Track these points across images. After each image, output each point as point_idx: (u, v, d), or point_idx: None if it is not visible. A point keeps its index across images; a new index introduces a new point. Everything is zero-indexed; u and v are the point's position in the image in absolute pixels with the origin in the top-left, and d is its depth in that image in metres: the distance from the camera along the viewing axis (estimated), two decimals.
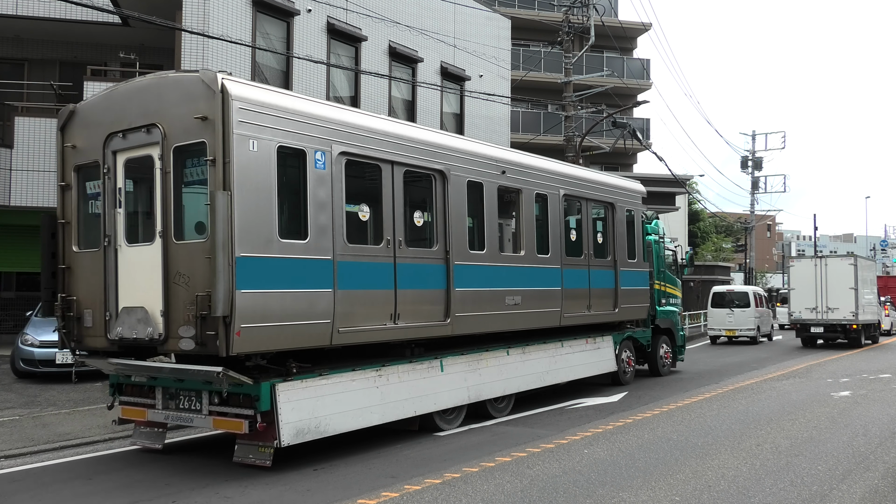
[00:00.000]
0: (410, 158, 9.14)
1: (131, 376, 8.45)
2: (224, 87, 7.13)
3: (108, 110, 8.28)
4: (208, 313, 6.99)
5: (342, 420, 8.29)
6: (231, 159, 7.05)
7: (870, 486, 6.79)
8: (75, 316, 8.24)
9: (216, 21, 13.64)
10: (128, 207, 8.04)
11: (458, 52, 19.51)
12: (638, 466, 7.52)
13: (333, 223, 8.03)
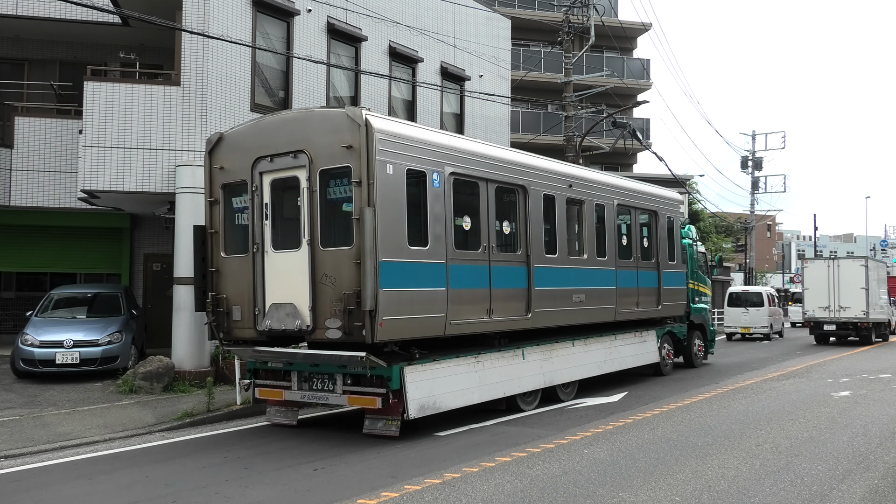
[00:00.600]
0: (500, 176, 10.63)
1: (268, 362, 9.88)
2: (367, 121, 8.58)
3: (255, 138, 9.65)
4: (355, 308, 8.43)
5: (451, 398, 9.75)
6: (374, 181, 8.49)
7: (870, 486, 6.79)
8: (224, 311, 9.73)
9: (216, 21, 13.64)
10: (273, 220, 9.46)
11: (458, 52, 19.51)
12: (638, 466, 7.52)
13: (445, 232, 9.51)
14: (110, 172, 13.40)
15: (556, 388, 11.84)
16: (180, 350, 13.12)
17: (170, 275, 14.83)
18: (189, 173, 13.32)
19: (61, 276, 18.49)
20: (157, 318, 17.04)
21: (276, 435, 9.65)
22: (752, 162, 46.55)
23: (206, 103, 13.57)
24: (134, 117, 13.45)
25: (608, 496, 6.48)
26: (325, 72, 15.75)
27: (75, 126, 15.94)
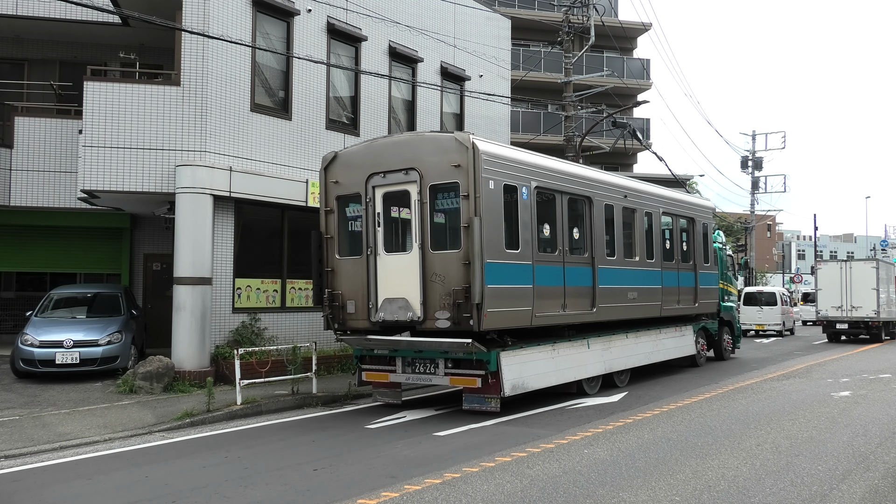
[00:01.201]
0: (572, 188, 12.28)
1: (374, 349, 11.35)
2: (474, 144, 10.14)
3: (368, 157, 11.15)
4: (464, 301, 9.93)
5: (535, 380, 11.27)
6: (480, 195, 10.04)
7: (870, 486, 6.79)
8: (339, 305, 11.25)
9: (216, 21, 13.64)
10: (385, 226, 10.95)
11: (458, 52, 19.50)
12: (638, 466, 7.52)
13: (531, 238, 11.09)
14: (110, 172, 13.40)
15: (613, 375, 13.35)
16: (180, 350, 13.12)
17: (170, 275, 14.83)
18: (189, 173, 13.32)
19: (61, 276, 18.49)
20: (157, 318, 17.05)
21: (276, 435, 9.65)
22: (752, 162, 46.55)
23: (206, 103, 13.57)
24: (134, 117, 13.45)
25: (608, 496, 6.48)
26: (325, 72, 15.75)
27: (75, 126, 15.94)
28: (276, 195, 14.56)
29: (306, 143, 15.40)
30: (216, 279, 13.73)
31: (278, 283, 15.09)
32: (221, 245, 13.93)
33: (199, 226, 13.29)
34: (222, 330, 13.88)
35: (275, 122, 14.79)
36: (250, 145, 14.31)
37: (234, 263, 14.16)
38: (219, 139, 13.77)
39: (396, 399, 11.73)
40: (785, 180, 55.69)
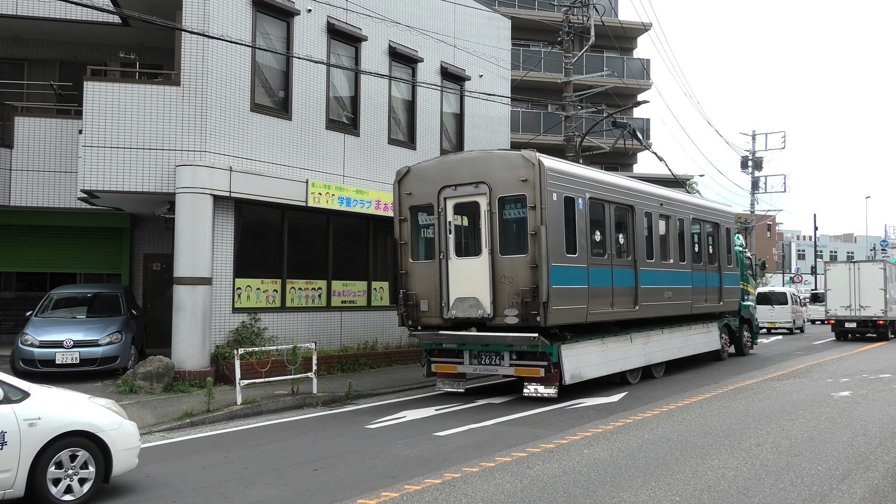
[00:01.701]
0: (617, 198, 13.62)
1: (443, 343, 12.58)
2: (540, 160, 11.45)
3: (440, 171, 12.45)
4: (531, 300, 11.19)
5: (588, 370, 12.56)
6: (545, 206, 11.33)
7: (870, 486, 6.79)
8: (413, 304, 12.43)
9: (216, 21, 13.63)
10: (456, 233, 12.22)
11: (458, 52, 19.49)
12: (638, 466, 7.52)
13: (586, 243, 12.42)
14: (110, 172, 13.40)
15: (651, 368, 14.67)
16: (180, 350, 13.12)
17: (170, 275, 14.83)
18: (189, 173, 13.32)
19: (61, 276, 18.48)
20: (157, 318, 17.05)
21: (275, 435, 9.65)
22: (752, 162, 46.54)
23: (206, 103, 13.57)
24: (134, 117, 13.45)
25: (608, 496, 6.48)
26: (325, 72, 15.75)
27: (75, 126, 15.94)
28: (277, 195, 14.56)
29: (306, 143, 15.40)
30: (216, 279, 13.73)
31: (278, 283, 15.09)
32: (221, 245, 13.93)
33: (199, 226, 13.29)
34: (222, 330, 13.88)
35: (275, 122, 14.79)
36: (250, 145, 14.30)
37: (234, 263, 14.16)
38: (219, 139, 13.77)
39: (459, 388, 12.89)
40: (785, 180, 55.71)
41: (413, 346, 17.54)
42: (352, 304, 16.65)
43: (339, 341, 16.08)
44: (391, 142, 17.49)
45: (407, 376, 14.77)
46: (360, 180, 16.53)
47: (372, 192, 16.58)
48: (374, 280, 17.25)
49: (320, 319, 15.78)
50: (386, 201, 16.86)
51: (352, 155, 16.44)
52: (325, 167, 15.76)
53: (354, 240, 17.05)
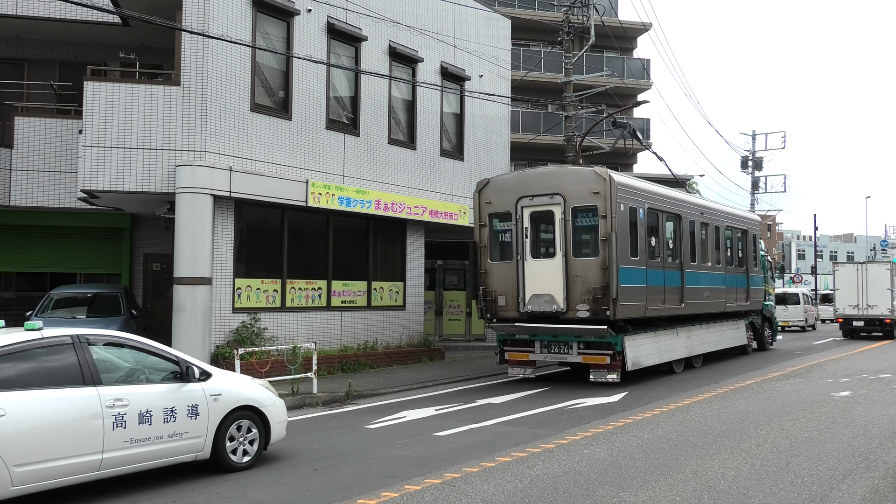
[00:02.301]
0: (668, 208, 15.48)
1: (516, 335, 14.26)
2: (610, 176, 13.17)
3: (518, 183, 14.17)
4: (602, 297, 12.94)
5: (645, 359, 14.26)
6: (614, 215, 13.03)
7: (870, 486, 6.79)
8: (492, 300, 14.11)
9: (216, 21, 13.63)
10: (532, 237, 13.92)
11: (458, 52, 19.49)
12: (638, 466, 7.51)
13: (645, 248, 14.17)
14: (110, 172, 13.40)
15: (691, 359, 16.41)
16: (180, 350, 13.09)
17: (170, 275, 14.83)
18: (189, 173, 13.32)
19: (61, 276, 18.48)
20: (157, 318, 17.05)
21: None
22: (752, 162, 46.54)
23: (206, 103, 13.57)
24: (134, 117, 13.45)
25: (608, 496, 6.48)
26: (325, 72, 15.75)
27: (75, 126, 15.94)
28: (277, 195, 14.56)
29: (306, 143, 15.40)
30: (216, 279, 13.73)
31: (278, 283, 15.09)
32: (221, 245, 13.93)
33: (199, 226, 13.29)
34: (222, 330, 13.88)
35: (275, 122, 14.79)
36: (250, 145, 14.31)
37: (234, 263, 14.16)
38: (219, 139, 13.77)
39: (531, 374, 14.68)
40: (785, 180, 55.64)
41: (413, 346, 17.55)
42: (352, 304, 16.65)
43: (339, 341, 16.08)
44: (391, 142, 17.49)
45: (407, 376, 14.78)
46: (360, 180, 16.53)
47: (372, 192, 16.58)
48: (374, 280, 17.25)
49: (320, 319, 15.78)
50: (386, 201, 16.86)
51: (352, 155, 16.44)
52: (325, 167, 15.76)
53: (354, 240, 17.05)
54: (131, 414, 6.80)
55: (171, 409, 7.15)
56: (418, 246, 18.43)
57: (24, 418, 6.17)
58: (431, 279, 20.98)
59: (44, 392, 6.40)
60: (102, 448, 6.58)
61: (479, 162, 20.28)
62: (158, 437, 7.01)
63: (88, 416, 6.53)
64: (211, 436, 7.45)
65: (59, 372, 6.60)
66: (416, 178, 18.11)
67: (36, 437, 6.22)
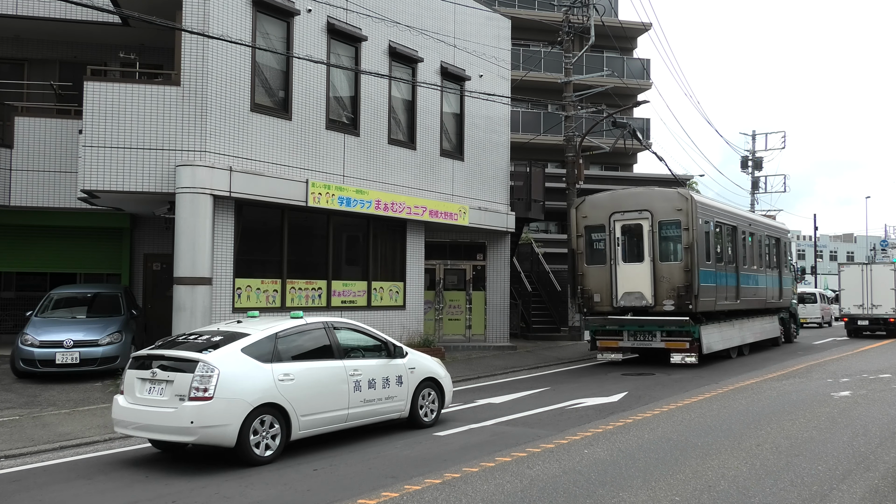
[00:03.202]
0: (728, 221, 18.75)
1: (606, 325, 17.41)
2: (691, 196, 16.46)
3: (610, 201, 17.33)
4: (685, 294, 16.02)
5: (714, 345, 17.32)
6: (695, 229, 16.08)
7: (870, 486, 6.79)
8: (588, 297, 17.22)
9: (216, 21, 13.63)
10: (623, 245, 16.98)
11: (458, 52, 19.49)
12: (638, 466, 7.51)
13: (714, 254, 17.32)
14: (110, 172, 13.40)
15: (742, 347, 19.41)
16: None
17: (170, 275, 14.83)
18: (189, 173, 13.32)
19: (61, 276, 18.49)
20: (157, 318, 17.05)
21: None
22: (752, 162, 46.54)
23: (206, 103, 13.57)
24: (134, 117, 13.45)
25: (608, 496, 6.48)
26: (325, 72, 15.75)
27: (75, 126, 15.94)
28: (277, 195, 14.56)
29: (306, 143, 15.40)
30: (216, 279, 13.73)
31: (278, 283, 15.09)
32: (221, 245, 13.93)
33: (199, 226, 13.29)
34: None
35: (275, 122, 14.79)
36: (250, 145, 14.30)
37: (234, 263, 14.16)
38: (219, 139, 13.77)
39: (618, 357, 17.78)
40: (785, 180, 55.74)
41: (413, 346, 17.51)
42: (352, 304, 16.65)
43: None
44: (391, 142, 17.49)
45: None
46: (360, 180, 16.53)
47: (372, 192, 16.58)
48: (374, 280, 17.25)
49: None
50: (386, 201, 16.86)
51: (352, 155, 16.44)
52: (325, 167, 15.76)
53: (354, 240, 17.05)
54: (364, 381, 9.04)
55: (386, 378, 9.37)
56: (418, 246, 18.43)
57: (303, 382, 8.35)
58: (431, 279, 20.98)
59: (312, 363, 8.61)
60: (348, 405, 8.83)
61: (479, 162, 20.28)
62: (379, 399, 9.24)
63: (339, 382, 8.76)
64: (409, 399, 9.68)
65: (318, 349, 8.82)
66: (416, 178, 18.11)
67: (311, 395, 8.40)
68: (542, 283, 26.76)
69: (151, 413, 7.79)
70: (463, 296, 21.52)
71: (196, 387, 7.60)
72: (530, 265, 27.47)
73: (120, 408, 8.08)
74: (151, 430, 7.92)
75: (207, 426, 7.54)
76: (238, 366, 7.90)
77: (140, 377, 8.05)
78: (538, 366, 17.62)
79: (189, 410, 7.53)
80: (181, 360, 7.93)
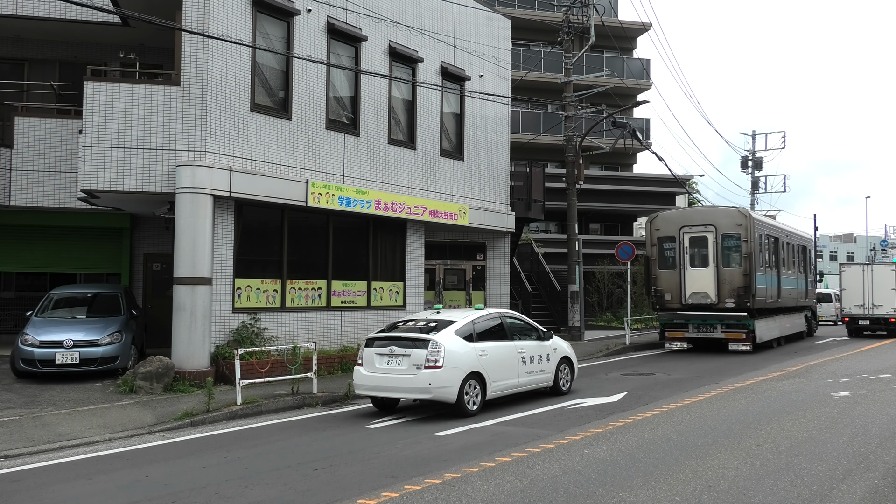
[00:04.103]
0: (772, 233, 22.50)
1: (673, 319, 21.01)
2: (750, 214, 20.66)
3: (680, 217, 21.28)
4: (743, 293, 19.75)
5: (764, 335, 21.07)
6: (753, 241, 19.98)
7: (870, 486, 6.79)
8: (660, 296, 20.84)
9: (216, 21, 13.63)
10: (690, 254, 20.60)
11: (458, 52, 19.49)
12: (638, 466, 7.52)
13: (764, 260, 21.05)
14: (110, 172, 13.40)
15: (780, 338, 23.15)
16: (180, 350, 13.12)
17: (170, 275, 14.82)
18: (189, 173, 13.31)
19: (61, 276, 18.49)
20: (157, 318, 17.05)
21: (275, 435, 9.66)
22: (752, 162, 46.54)
23: (206, 103, 13.56)
24: (134, 117, 13.45)
25: (608, 496, 6.48)
26: (325, 72, 15.75)
27: (75, 126, 15.93)
28: (277, 195, 14.56)
29: (306, 143, 15.40)
30: (216, 279, 13.73)
31: (278, 283, 15.09)
32: (221, 245, 13.93)
33: (199, 226, 13.28)
34: (222, 330, 13.88)
35: (275, 122, 14.79)
36: (250, 145, 14.30)
37: (234, 263, 14.16)
38: (219, 139, 13.77)
39: (684, 347, 21.27)
40: (785, 180, 55.73)
41: None
42: (352, 304, 16.65)
43: (339, 341, 16.08)
44: (391, 142, 17.49)
45: None
46: (360, 180, 16.53)
47: (372, 192, 16.58)
48: (374, 280, 17.25)
49: (320, 319, 15.78)
50: (386, 201, 16.86)
51: (352, 155, 16.44)
52: (325, 167, 15.76)
53: (354, 240, 17.05)
54: (527, 357, 11.95)
55: (539, 355, 12.24)
56: (418, 246, 18.43)
57: (493, 356, 11.24)
58: (431, 279, 20.98)
59: (496, 343, 11.50)
60: (518, 375, 11.75)
61: (479, 162, 20.28)
62: (536, 371, 12.14)
63: (513, 357, 11.68)
64: (553, 373, 12.56)
65: (497, 332, 11.72)
66: (416, 178, 18.11)
67: (497, 366, 11.29)
68: (542, 283, 26.78)
69: (394, 378, 10.64)
70: (463, 296, 21.51)
71: (429, 359, 10.41)
72: (530, 265, 27.48)
73: (363, 376, 10.95)
74: (394, 392, 10.81)
75: (439, 387, 10.41)
76: (455, 344, 10.72)
77: (378, 353, 10.84)
78: None
79: (426, 376, 10.38)
80: (415, 340, 10.69)
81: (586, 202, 30.60)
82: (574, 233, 24.66)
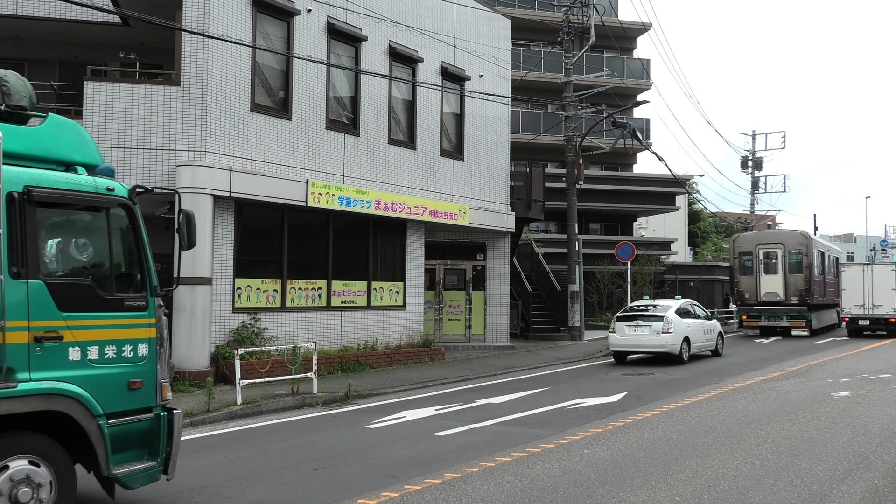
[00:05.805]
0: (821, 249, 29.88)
1: (750, 312, 28.43)
2: (809, 236, 29.85)
3: (756, 237, 30.30)
4: (805, 293, 27.80)
5: (817, 324, 28.62)
6: (812, 255, 28.26)
7: (870, 486, 6.79)
8: (741, 295, 28.68)
9: (216, 21, 13.63)
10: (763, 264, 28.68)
11: (458, 52, 19.50)
12: (638, 466, 7.52)
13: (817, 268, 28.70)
14: None
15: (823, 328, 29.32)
16: (180, 350, 13.12)
17: (170, 275, 14.79)
18: (189, 173, 13.31)
19: None
20: None
21: (276, 435, 9.66)
22: (752, 162, 46.54)
23: (206, 103, 13.57)
24: (134, 117, 13.44)
25: (608, 496, 6.48)
26: (325, 72, 15.75)
27: None
28: (277, 195, 14.56)
29: (306, 143, 15.40)
30: (216, 279, 13.73)
31: (278, 283, 15.09)
32: (221, 245, 13.93)
33: (199, 226, 13.22)
34: (222, 330, 13.88)
35: (275, 122, 14.79)
36: (250, 145, 14.30)
37: (234, 263, 14.16)
38: (219, 139, 13.77)
39: (754, 333, 28.44)
40: (785, 180, 55.75)
41: (413, 346, 17.57)
42: (352, 304, 16.66)
43: (339, 341, 16.08)
44: (391, 142, 17.49)
45: (407, 376, 14.78)
46: (360, 180, 16.53)
47: (372, 192, 16.58)
48: (374, 280, 17.25)
49: (320, 319, 15.78)
50: (386, 201, 16.86)
51: (352, 155, 16.44)
52: (325, 167, 15.76)
53: (354, 240, 17.05)
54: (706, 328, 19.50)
55: (710, 328, 19.75)
56: (418, 246, 18.43)
57: (693, 327, 18.64)
58: (431, 279, 20.99)
59: (692, 320, 18.88)
60: (704, 340, 19.31)
61: (479, 162, 20.29)
62: (707, 340, 19.48)
63: (700, 328, 19.14)
64: (715, 340, 19.88)
65: (690, 313, 19.08)
66: (416, 178, 18.11)
67: (695, 334, 18.67)
68: (542, 283, 26.78)
69: (642, 339, 17.76)
70: (463, 296, 21.52)
71: (664, 327, 17.55)
72: (530, 265, 27.48)
73: (616, 338, 18.17)
74: (643, 347, 17.88)
75: (671, 344, 17.53)
76: (676, 319, 17.91)
77: (626, 325, 18.02)
78: (538, 366, 17.63)
79: (664, 338, 17.52)
80: (654, 317, 17.87)
81: (586, 202, 30.61)
82: (574, 233, 24.67)
